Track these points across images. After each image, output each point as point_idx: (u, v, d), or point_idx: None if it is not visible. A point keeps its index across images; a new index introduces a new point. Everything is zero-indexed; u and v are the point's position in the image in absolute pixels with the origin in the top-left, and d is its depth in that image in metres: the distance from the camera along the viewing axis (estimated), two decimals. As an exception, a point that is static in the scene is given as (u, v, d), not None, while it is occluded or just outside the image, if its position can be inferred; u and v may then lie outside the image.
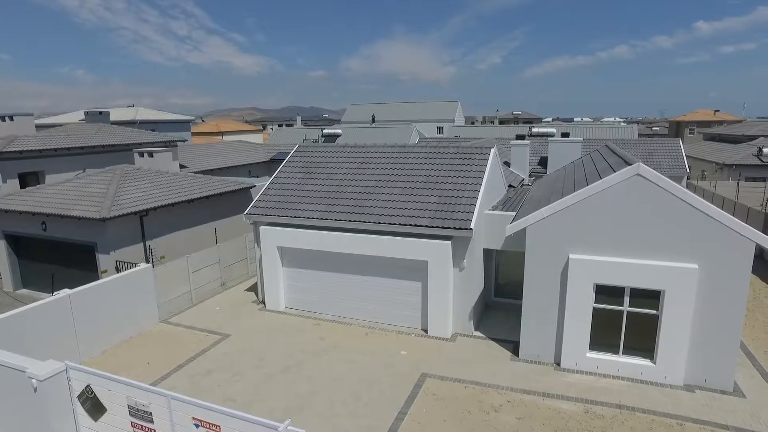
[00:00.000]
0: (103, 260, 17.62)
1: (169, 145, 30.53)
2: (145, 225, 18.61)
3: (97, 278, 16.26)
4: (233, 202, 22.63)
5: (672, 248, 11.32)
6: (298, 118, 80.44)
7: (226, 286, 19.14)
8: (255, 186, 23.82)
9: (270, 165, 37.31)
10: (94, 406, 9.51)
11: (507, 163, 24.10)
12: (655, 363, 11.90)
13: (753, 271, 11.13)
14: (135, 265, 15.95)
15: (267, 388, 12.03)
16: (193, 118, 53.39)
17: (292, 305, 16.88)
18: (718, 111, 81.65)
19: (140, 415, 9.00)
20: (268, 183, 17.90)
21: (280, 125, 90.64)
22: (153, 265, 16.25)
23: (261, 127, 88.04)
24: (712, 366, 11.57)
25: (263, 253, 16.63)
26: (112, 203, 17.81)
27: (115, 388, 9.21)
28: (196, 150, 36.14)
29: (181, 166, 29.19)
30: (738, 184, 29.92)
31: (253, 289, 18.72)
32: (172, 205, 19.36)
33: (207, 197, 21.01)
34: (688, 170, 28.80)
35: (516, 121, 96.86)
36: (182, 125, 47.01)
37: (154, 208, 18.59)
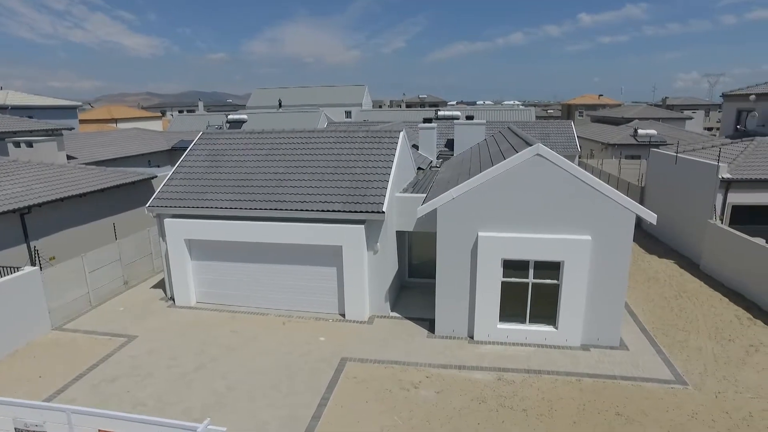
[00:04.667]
0: (-22, 266, 15.64)
1: (53, 133, 27.53)
2: (27, 224, 16.74)
3: (-28, 286, 14.39)
4: (133, 194, 21.06)
5: (569, 222, 12.29)
6: (200, 104, 76.24)
7: (130, 285, 17.86)
8: (156, 176, 22.34)
9: (172, 154, 35.13)
10: None
11: (415, 146, 24.63)
12: (557, 328, 12.94)
13: (633, 239, 12.42)
14: (17, 269, 14.33)
15: (181, 389, 11.47)
16: (80, 103, 48.48)
17: (204, 300, 16.17)
18: (602, 95, 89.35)
19: (33, 435, 8.14)
20: (171, 173, 16.86)
21: (180, 111, 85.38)
22: (41, 268, 14.73)
23: (159, 114, 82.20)
24: (603, 326, 12.83)
25: (169, 247, 15.71)
26: (-15, 201, 15.81)
27: None
28: (86, 139, 33.05)
29: (69, 157, 26.54)
30: (620, 161, 33.07)
31: (161, 285, 17.65)
32: (61, 200, 17.59)
33: (102, 190, 19.35)
34: (579, 149, 31.26)
35: (422, 104, 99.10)
36: (67, 111, 42.55)
37: (38, 205, 16.77)
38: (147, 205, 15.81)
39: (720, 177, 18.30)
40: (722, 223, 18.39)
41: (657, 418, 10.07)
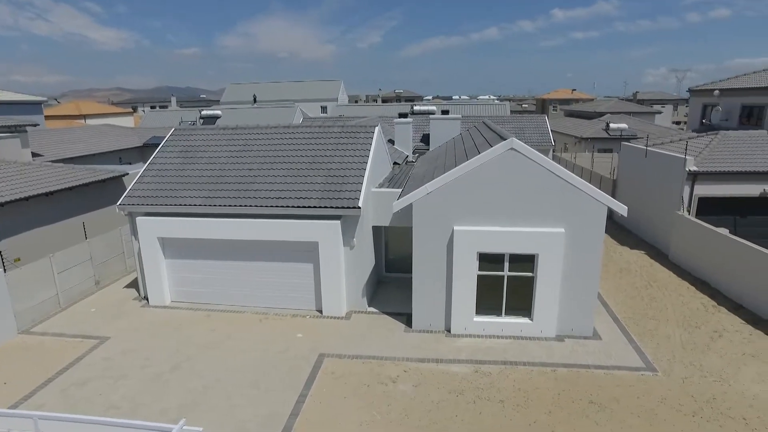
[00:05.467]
0: (-60, 268, 15.06)
1: (16, 129, 26.58)
2: (-9, 224, 16.19)
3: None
4: (103, 192, 20.54)
5: (543, 215, 12.48)
6: (173, 99, 74.70)
7: (102, 285, 17.45)
8: (128, 174, 21.84)
9: (144, 150, 34.36)
10: None
11: (391, 141, 24.60)
12: (532, 320, 13.15)
13: (605, 231, 12.69)
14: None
15: (156, 389, 11.28)
16: (45, 98, 46.86)
17: (179, 298, 15.91)
18: (575, 90, 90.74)
19: (-1, 444, 7.87)
20: (142, 170, 16.50)
21: (152, 107, 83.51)
22: (5, 270, 14.27)
23: (131, 110, 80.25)
24: (577, 317, 13.09)
25: (142, 246, 15.39)
26: (-54, 201, 15.22)
27: None
28: (52, 135, 32.05)
29: (34, 155, 25.73)
30: (593, 155, 33.68)
31: (134, 285, 17.29)
32: (26, 199, 17.04)
33: (71, 188, 18.82)
34: (553, 143, 31.68)
35: (398, 99, 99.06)
36: (32, 107, 41.14)
37: (1, 204, 16.21)
38: (118, 204, 15.45)
39: (687, 170, 18.81)
40: (689, 214, 18.93)
41: (628, 405, 10.35)
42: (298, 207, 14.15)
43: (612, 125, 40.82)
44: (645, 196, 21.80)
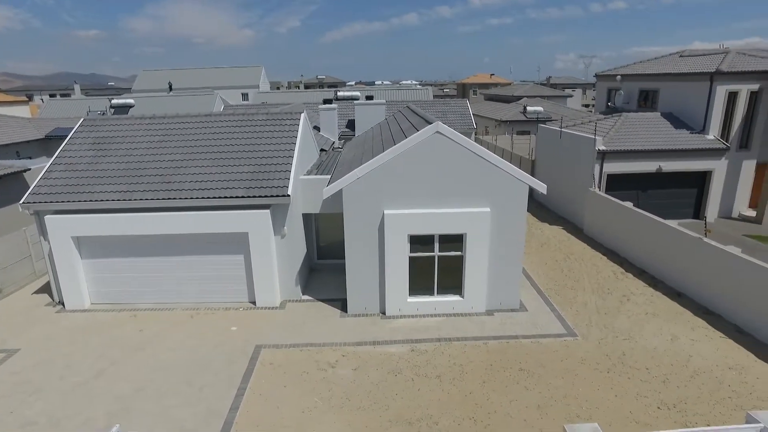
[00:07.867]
0: None
1: None
2: None
3: None
4: (1, 189, 18.70)
5: (469, 195, 12.97)
6: (76, 87, 68.90)
7: (5, 293, 15.98)
8: (30, 169, 20.01)
9: (46, 143, 31.58)
10: None
11: (317, 128, 24.37)
12: (463, 297, 13.71)
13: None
14: None
15: (79, 399, 10.58)
16: None
17: (100, 300, 14.95)
18: (494, 74, 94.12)
19: None
20: (49, 164, 15.20)
21: (52, 95, 76.63)
22: None
23: (25, 98, 73.04)
24: (504, 291, 13.83)
25: (53, 247, 14.24)
26: None
27: None
28: (-68, 129, 28.59)
29: None
30: (512, 137, 35.27)
31: (46, 289, 16.00)
32: None
33: (-39, 188, 16.98)
34: (475, 126, 32.76)
35: (321, 85, 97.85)
36: None
37: None
38: (22, 202, 14.15)
39: (597, 149, 20.26)
40: (600, 190, 20.46)
41: (553, 368, 11.16)
42: (226, 198, 13.71)
43: (529, 108, 42.87)
44: (561, 174, 23.24)
